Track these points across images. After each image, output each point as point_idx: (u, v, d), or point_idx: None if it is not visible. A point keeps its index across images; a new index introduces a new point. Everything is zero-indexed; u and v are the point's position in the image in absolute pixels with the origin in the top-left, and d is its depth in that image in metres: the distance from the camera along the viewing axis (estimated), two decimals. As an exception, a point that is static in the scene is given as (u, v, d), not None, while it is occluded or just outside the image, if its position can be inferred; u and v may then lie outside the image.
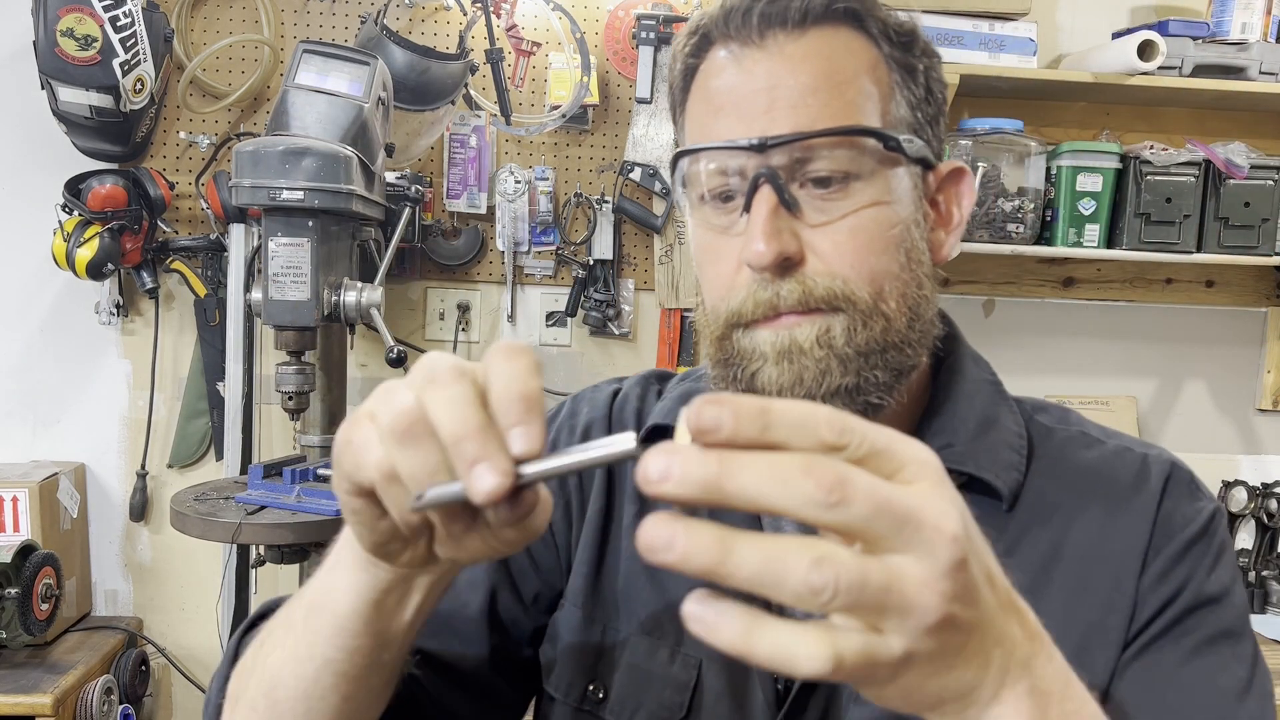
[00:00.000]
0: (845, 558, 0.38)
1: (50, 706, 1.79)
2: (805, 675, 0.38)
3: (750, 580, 0.38)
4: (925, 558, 0.39)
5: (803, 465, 0.38)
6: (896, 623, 0.39)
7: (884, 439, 0.40)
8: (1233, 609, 0.71)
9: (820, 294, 0.67)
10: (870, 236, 0.68)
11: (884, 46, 0.71)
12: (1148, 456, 0.76)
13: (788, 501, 0.38)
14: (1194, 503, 0.74)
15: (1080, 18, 2.36)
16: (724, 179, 0.70)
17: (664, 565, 0.38)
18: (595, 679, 0.78)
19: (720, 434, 0.38)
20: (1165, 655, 0.69)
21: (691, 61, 0.73)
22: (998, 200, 2.14)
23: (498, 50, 2.11)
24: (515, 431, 0.44)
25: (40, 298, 2.21)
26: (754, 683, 0.73)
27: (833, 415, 0.39)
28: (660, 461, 0.38)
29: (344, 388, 2.04)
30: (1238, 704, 0.68)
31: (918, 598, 0.39)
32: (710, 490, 0.38)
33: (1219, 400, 2.53)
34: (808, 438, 0.39)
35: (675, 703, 0.75)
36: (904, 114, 0.71)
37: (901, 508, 0.38)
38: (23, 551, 1.85)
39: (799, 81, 0.68)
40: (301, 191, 1.66)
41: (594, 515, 0.81)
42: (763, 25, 0.69)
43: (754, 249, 0.66)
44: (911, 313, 0.71)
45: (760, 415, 0.38)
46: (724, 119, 0.69)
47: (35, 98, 1.99)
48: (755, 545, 0.38)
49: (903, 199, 0.70)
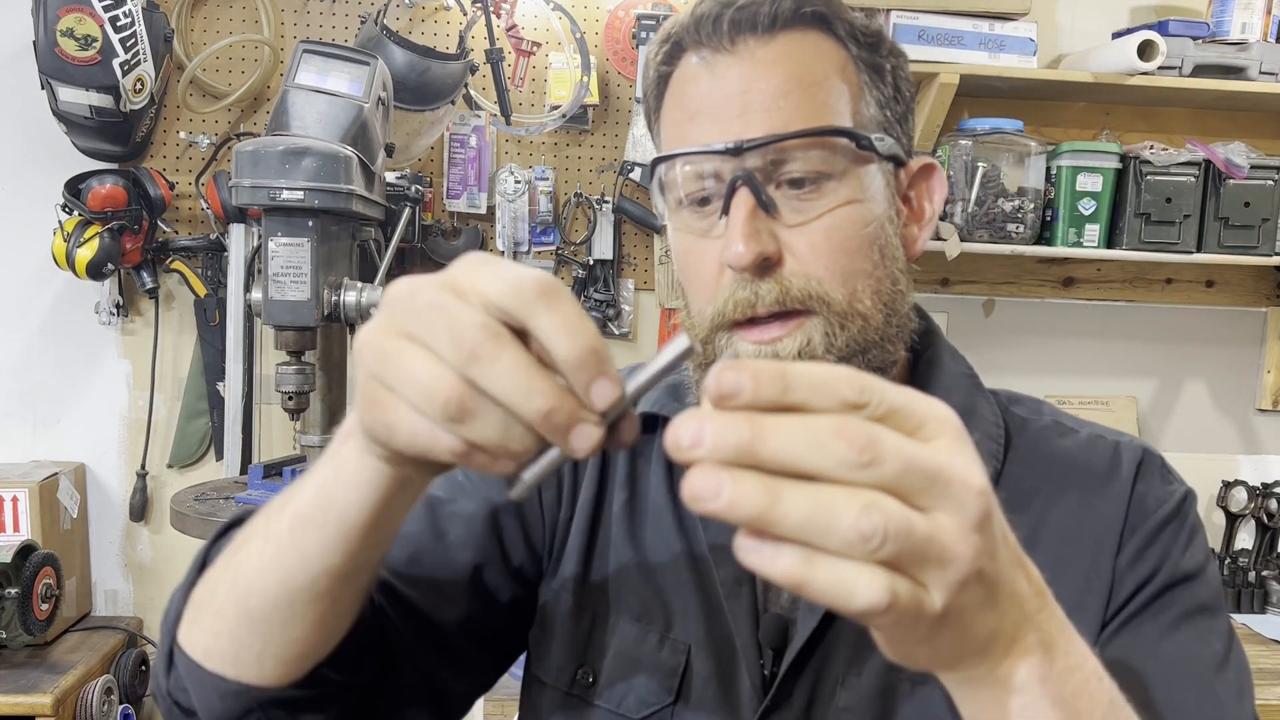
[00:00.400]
0: (893, 505, 0.38)
1: (50, 706, 1.79)
2: (859, 609, 0.38)
3: (798, 527, 0.38)
4: (956, 512, 0.39)
5: (834, 427, 0.38)
6: (936, 575, 0.39)
7: (902, 397, 0.40)
8: (1208, 586, 0.74)
9: (796, 294, 0.69)
10: (845, 236, 0.70)
11: (852, 48, 0.73)
12: (1120, 443, 0.79)
13: (821, 462, 0.38)
14: (1166, 485, 0.77)
15: (1080, 18, 2.36)
16: (701, 183, 0.72)
17: (710, 514, 0.38)
18: (584, 664, 0.78)
19: (741, 398, 0.38)
20: (1145, 630, 0.71)
21: (664, 69, 0.75)
22: (998, 200, 2.14)
23: (498, 50, 2.11)
24: (596, 389, 0.43)
25: (40, 298, 2.21)
26: (741, 668, 0.74)
27: (851, 374, 0.40)
28: (690, 427, 0.38)
29: (344, 388, 2.03)
30: (1216, 675, 0.69)
31: (955, 549, 0.39)
32: (743, 454, 0.38)
33: (1219, 400, 2.53)
34: (828, 397, 0.39)
35: (664, 688, 0.76)
36: (874, 113, 0.73)
37: (930, 464, 0.39)
38: (23, 551, 1.85)
39: (771, 85, 0.70)
40: (301, 191, 1.66)
41: (585, 503, 0.81)
42: (733, 31, 0.71)
43: (734, 250, 0.68)
44: (888, 308, 0.73)
45: (779, 378, 0.39)
46: (699, 124, 0.71)
47: (35, 98, 1.99)
48: (803, 492, 0.38)
49: (876, 196, 0.72)
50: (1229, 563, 2.35)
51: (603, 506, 0.81)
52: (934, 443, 0.40)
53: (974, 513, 0.40)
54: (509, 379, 0.42)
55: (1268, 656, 2.01)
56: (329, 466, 0.54)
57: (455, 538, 0.78)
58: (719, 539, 0.77)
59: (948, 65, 2.05)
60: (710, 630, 0.76)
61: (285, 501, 0.57)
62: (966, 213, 2.13)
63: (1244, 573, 2.31)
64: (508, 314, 0.43)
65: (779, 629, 0.74)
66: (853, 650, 0.73)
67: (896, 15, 2.03)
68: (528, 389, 0.42)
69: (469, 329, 0.42)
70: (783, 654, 0.73)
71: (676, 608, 0.77)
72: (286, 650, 0.60)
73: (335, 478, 0.54)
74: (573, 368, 0.42)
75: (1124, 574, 0.73)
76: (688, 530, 0.78)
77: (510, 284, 0.43)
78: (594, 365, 0.42)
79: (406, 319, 0.44)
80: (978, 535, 0.40)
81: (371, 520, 0.53)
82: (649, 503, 0.80)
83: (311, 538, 0.55)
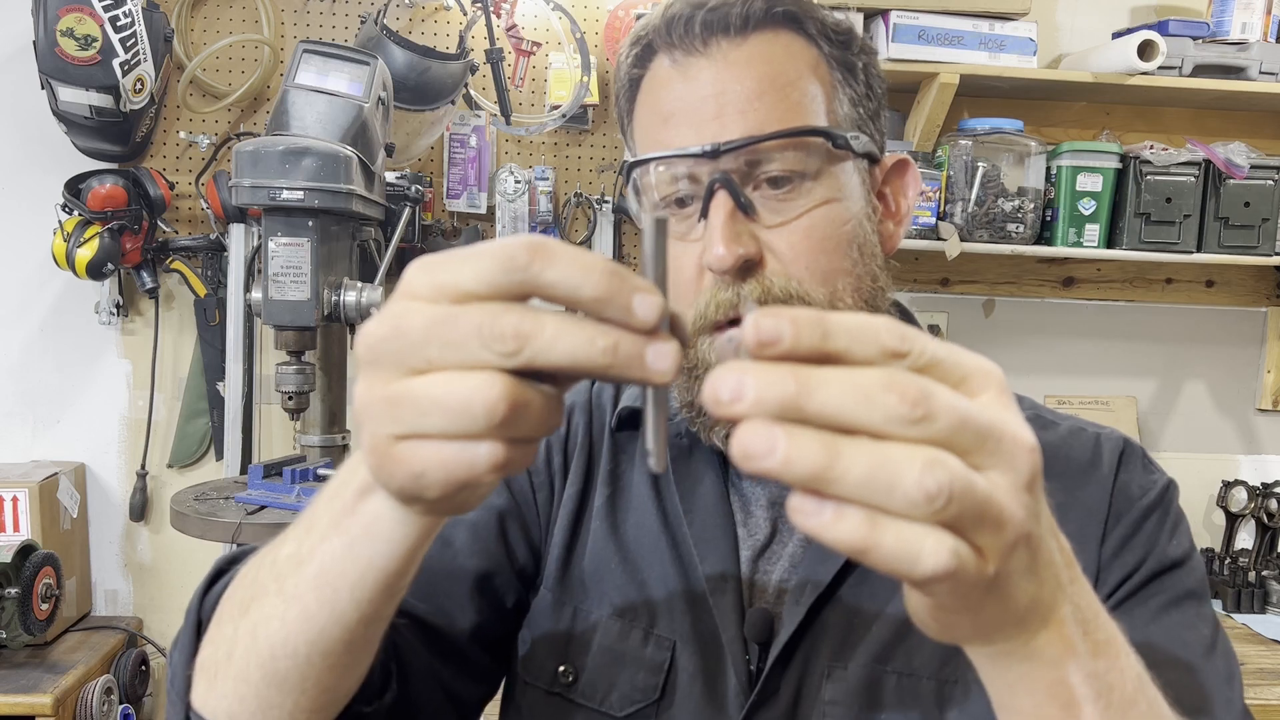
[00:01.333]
0: (954, 462, 0.36)
1: (50, 706, 1.79)
2: (924, 575, 0.36)
3: (859, 485, 0.35)
4: (1009, 470, 0.38)
5: (883, 379, 0.36)
6: (991, 537, 0.37)
7: (944, 349, 0.39)
8: (1194, 573, 0.74)
9: (778, 294, 0.69)
10: (824, 235, 0.71)
11: (824, 46, 0.73)
12: (1100, 435, 0.79)
13: (871, 417, 0.35)
14: (1148, 474, 0.77)
15: (1080, 18, 2.36)
16: (677, 185, 0.72)
17: (763, 473, 0.36)
18: (566, 661, 0.78)
19: (781, 345, 0.36)
20: (1135, 615, 0.71)
21: (636, 72, 0.75)
22: (998, 200, 2.14)
23: (498, 50, 2.11)
24: (638, 306, 0.38)
25: (40, 298, 2.21)
26: (727, 663, 0.74)
27: (890, 323, 0.38)
28: (731, 380, 0.36)
29: (344, 388, 2.03)
30: (1205, 660, 0.70)
31: (1010, 508, 0.37)
32: (789, 409, 0.35)
33: (1219, 400, 2.53)
34: (869, 345, 0.37)
35: (649, 685, 0.75)
36: (847, 111, 0.74)
37: (983, 420, 0.37)
38: (23, 551, 1.85)
39: (745, 87, 0.70)
40: (301, 191, 1.66)
41: (569, 498, 0.81)
42: (705, 33, 0.71)
43: (714, 253, 0.68)
44: (868, 305, 0.73)
45: (819, 323, 0.36)
46: (674, 127, 0.71)
47: (35, 98, 1.99)
48: (863, 448, 0.35)
49: (853, 194, 0.73)
50: (1229, 563, 2.35)
51: (586, 503, 0.81)
52: (980, 397, 0.38)
53: (1026, 471, 0.38)
54: (564, 340, 0.38)
55: (1268, 656, 2.01)
56: (355, 525, 0.49)
57: (462, 545, 0.77)
58: (703, 534, 0.77)
59: (948, 65, 2.05)
60: (695, 626, 0.75)
61: (298, 559, 0.53)
62: (966, 213, 2.13)
63: (1244, 573, 2.30)
64: (512, 288, 0.39)
65: (765, 623, 0.73)
66: (838, 643, 0.73)
67: (896, 15, 2.03)
68: (586, 337, 0.37)
69: (487, 322, 0.38)
70: (768, 648, 0.73)
71: (660, 604, 0.77)
72: (319, 700, 0.57)
73: (366, 535, 0.49)
74: (607, 298, 0.38)
75: (1110, 562, 0.73)
76: (671, 526, 0.78)
77: (495, 259, 0.39)
78: (625, 286, 0.38)
79: (405, 355, 0.39)
80: (1029, 495, 0.38)
81: (407, 565, 0.51)
82: (632, 499, 0.80)
83: (344, 596, 0.52)
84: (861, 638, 0.73)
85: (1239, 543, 2.44)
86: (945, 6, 2.06)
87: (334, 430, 1.99)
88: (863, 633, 0.73)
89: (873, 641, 0.72)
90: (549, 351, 0.38)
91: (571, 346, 0.38)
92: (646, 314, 0.38)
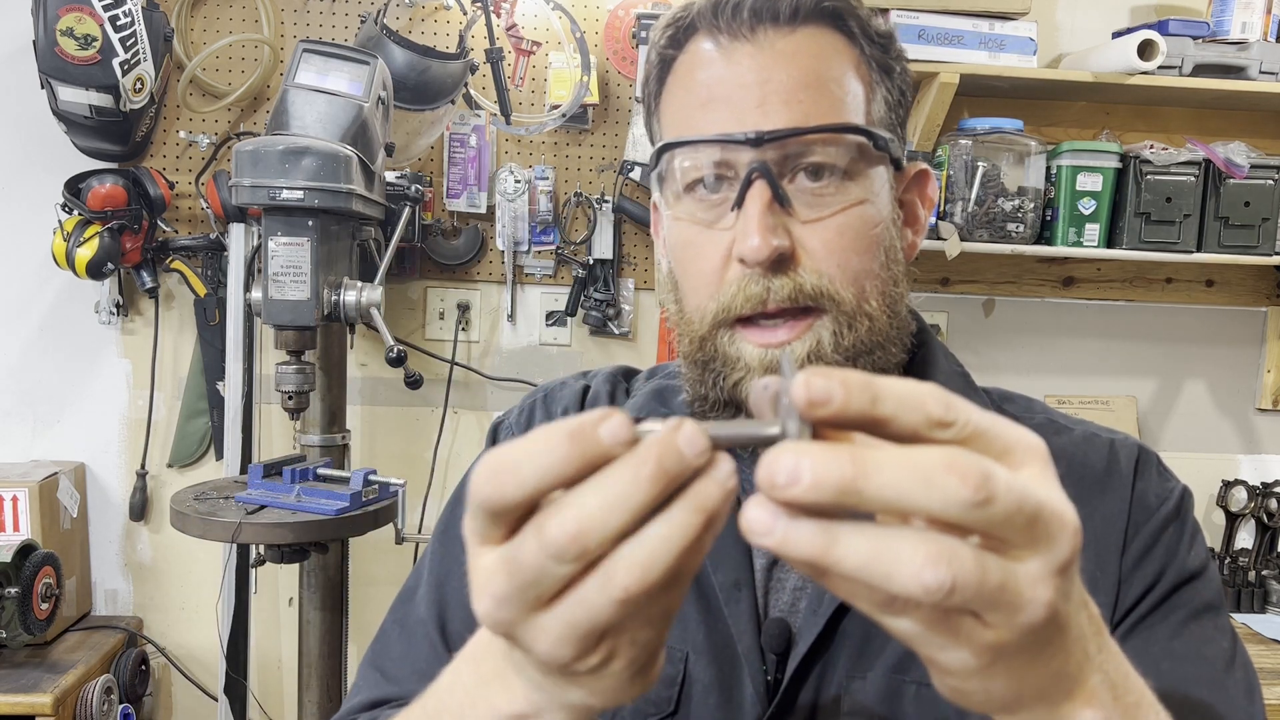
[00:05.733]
0: (965, 555, 0.35)
1: (50, 706, 1.79)
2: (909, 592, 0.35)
3: (856, 572, 0.35)
4: (1047, 553, 0.37)
5: (945, 460, 0.35)
6: (1004, 618, 0.37)
7: (987, 419, 0.38)
8: (1211, 584, 0.73)
9: (809, 290, 0.68)
10: (856, 235, 0.69)
11: (865, 47, 0.72)
12: (1115, 441, 0.78)
13: (931, 502, 0.35)
14: (1165, 482, 0.77)
15: (1080, 17, 2.36)
16: (712, 172, 0.70)
17: (764, 549, 0.36)
18: None
19: (832, 406, 0.36)
20: (1157, 630, 0.70)
21: (670, 53, 0.73)
22: (998, 200, 2.14)
23: (498, 50, 2.11)
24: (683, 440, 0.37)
25: (40, 297, 2.21)
26: (743, 674, 0.73)
27: (935, 390, 0.37)
28: (788, 462, 0.35)
29: (344, 387, 2.03)
30: (1226, 674, 0.69)
31: (1030, 594, 0.37)
32: (847, 493, 0.35)
33: (1219, 400, 2.53)
34: (915, 412, 0.36)
35: (662, 698, 0.74)
36: (883, 114, 0.73)
37: (1034, 502, 0.36)
38: (23, 551, 1.85)
39: (791, 77, 0.68)
40: (301, 191, 1.66)
41: None
42: (754, 19, 0.69)
43: (750, 244, 0.66)
44: (890, 310, 0.72)
45: (868, 387, 0.36)
46: (713, 111, 0.70)
47: (35, 97, 1.99)
48: (862, 535, 0.35)
49: (883, 198, 0.72)
50: (1229, 563, 2.35)
51: None
52: (1023, 472, 0.38)
53: (1065, 554, 0.37)
54: (666, 545, 0.37)
55: (1268, 656, 2.01)
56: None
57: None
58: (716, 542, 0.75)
59: (948, 65, 2.05)
60: (709, 636, 0.74)
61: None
62: (966, 212, 2.13)
63: (1244, 573, 2.31)
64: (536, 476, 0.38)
65: (782, 633, 0.72)
66: (857, 653, 0.71)
67: (896, 15, 2.03)
68: (676, 531, 0.37)
69: (587, 529, 0.37)
70: (786, 659, 0.72)
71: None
72: None
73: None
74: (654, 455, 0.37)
75: (1130, 574, 0.72)
76: None
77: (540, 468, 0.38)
78: (673, 442, 0.37)
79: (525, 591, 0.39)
80: (1060, 577, 0.37)
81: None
82: None
83: None
84: (880, 648, 0.71)
85: (1239, 542, 2.44)
86: (945, 6, 2.06)
87: (333, 430, 1.99)
88: (881, 643, 0.71)
89: (891, 652, 0.71)
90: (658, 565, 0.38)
91: (670, 548, 0.38)
92: (692, 448, 0.37)
